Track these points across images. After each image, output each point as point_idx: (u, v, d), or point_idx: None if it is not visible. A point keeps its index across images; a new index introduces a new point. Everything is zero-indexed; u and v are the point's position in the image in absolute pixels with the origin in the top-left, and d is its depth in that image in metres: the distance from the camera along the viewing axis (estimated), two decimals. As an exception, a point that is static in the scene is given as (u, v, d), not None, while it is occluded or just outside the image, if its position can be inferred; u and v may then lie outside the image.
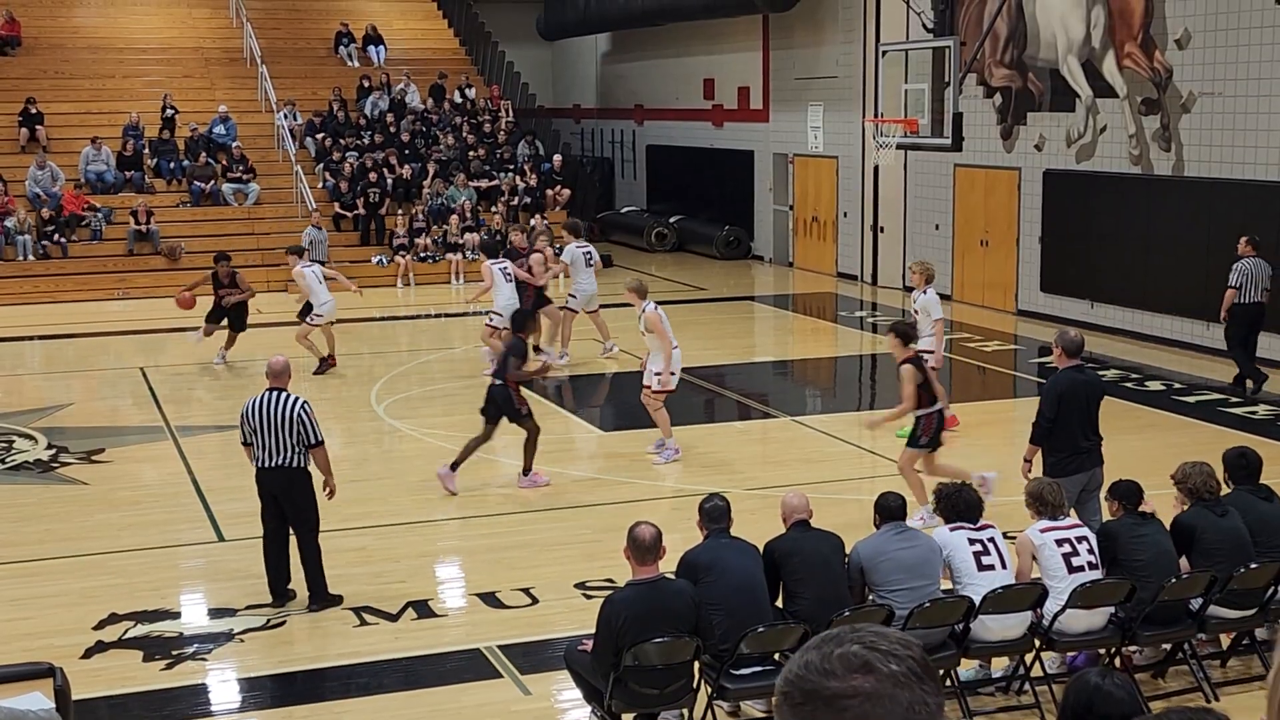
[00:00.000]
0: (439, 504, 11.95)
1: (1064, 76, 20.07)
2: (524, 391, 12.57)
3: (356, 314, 20.66)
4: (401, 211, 26.56)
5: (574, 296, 17.72)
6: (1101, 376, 14.98)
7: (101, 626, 9.13)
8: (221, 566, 10.45)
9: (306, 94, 29.36)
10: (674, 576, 7.33)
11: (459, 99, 30.44)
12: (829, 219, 26.24)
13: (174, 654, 8.71)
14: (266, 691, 8.34)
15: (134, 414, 15.67)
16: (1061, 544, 7.79)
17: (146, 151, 26.91)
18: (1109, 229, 19.26)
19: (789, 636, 7.19)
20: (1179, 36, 17.95)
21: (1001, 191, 21.50)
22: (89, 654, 8.70)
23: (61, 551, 10.75)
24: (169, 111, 27.45)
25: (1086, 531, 7.98)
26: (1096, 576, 7.73)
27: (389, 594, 9.66)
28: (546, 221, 25.73)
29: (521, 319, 12.92)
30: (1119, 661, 7.98)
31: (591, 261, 17.78)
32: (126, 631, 9.06)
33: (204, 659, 8.67)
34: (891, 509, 7.86)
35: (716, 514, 7.62)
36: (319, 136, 28.14)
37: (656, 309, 12.98)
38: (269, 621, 9.25)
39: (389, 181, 27.01)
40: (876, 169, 24.27)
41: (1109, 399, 10.93)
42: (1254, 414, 14.72)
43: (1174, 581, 7.74)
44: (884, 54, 19.72)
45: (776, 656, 7.27)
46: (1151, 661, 8.32)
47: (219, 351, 18.03)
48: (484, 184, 27.83)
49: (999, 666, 8.12)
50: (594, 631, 7.07)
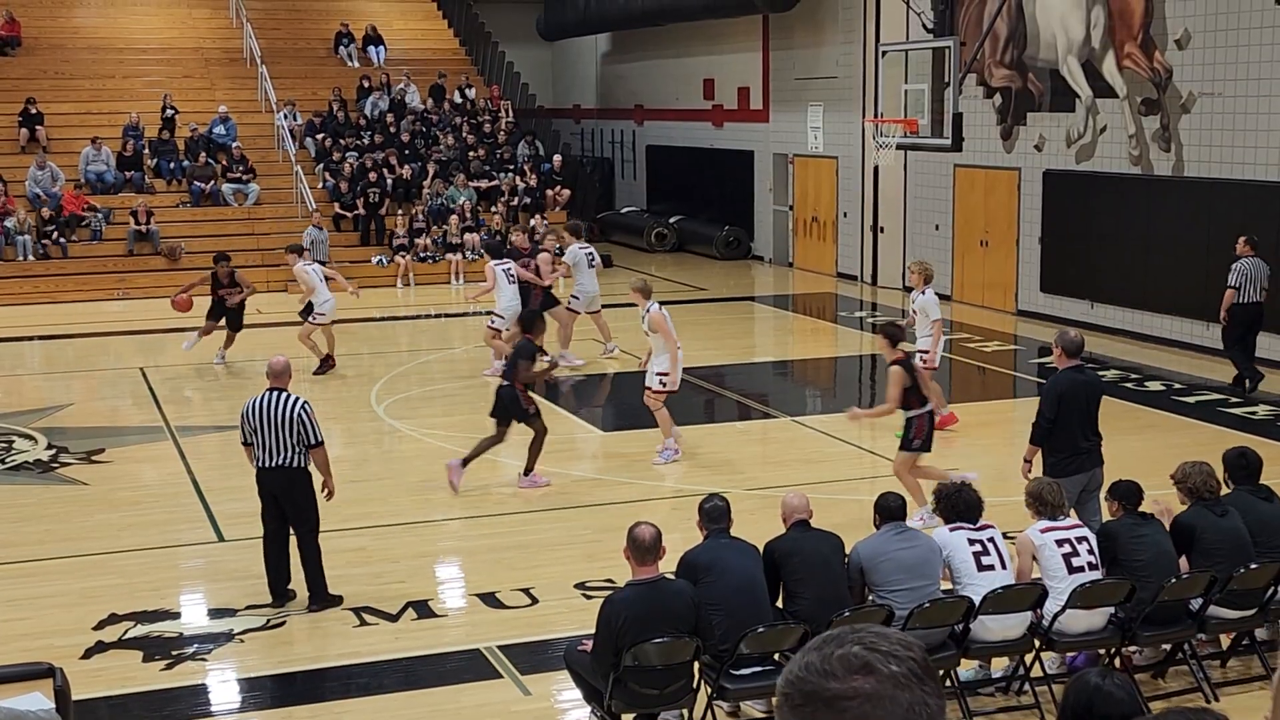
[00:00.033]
0: (439, 504, 11.95)
1: (1064, 77, 20.07)
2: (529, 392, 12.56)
3: (356, 314, 20.66)
4: (401, 212, 26.57)
5: (576, 298, 17.74)
6: (1101, 377, 15.00)
7: (101, 627, 9.13)
8: (221, 567, 10.45)
9: (306, 94, 29.37)
10: (674, 577, 7.34)
11: (459, 99, 30.44)
12: (829, 219, 26.24)
13: (174, 654, 8.71)
14: (266, 692, 8.34)
15: (134, 414, 15.67)
16: (1062, 544, 7.79)
17: (146, 152, 26.91)
18: (1109, 229, 19.26)
19: (789, 637, 7.19)
20: (1179, 37, 17.95)
21: (1001, 192, 21.50)
22: (89, 654, 8.70)
23: (61, 552, 10.75)
24: (169, 112, 27.45)
25: (1087, 532, 7.98)
26: (1096, 577, 7.73)
27: (389, 594, 9.67)
28: (547, 222, 25.74)
29: (530, 320, 12.90)
30: (1119, 662, 7.98)
31: (594, 262, 17.83)
32: (126, 632, 9.06)
33: (204, 659, 8.67)
34: (891, 509, 7.87)
35: (716, 514, 7.62)
36: (319, 137, 28.14)
37: (661, 309, 13.02)
38: (269, 622, 9.25)
39: (389, 182, 27.01)
40: (876, 169, 24.28)
41: (1109, 399, 10.94)
42: (1254, 414, 14.72)
43: (1174, 582, 7.74)
44: (884, 54, 19.72)
45: (776, 657, 7.27)
46: (1151, 662, 8.32)
47: (218, 352, 18.03)
48: (484, 184, 27.83)
49: (999, 667, 8.12)
50: (594, 632, 7.07)
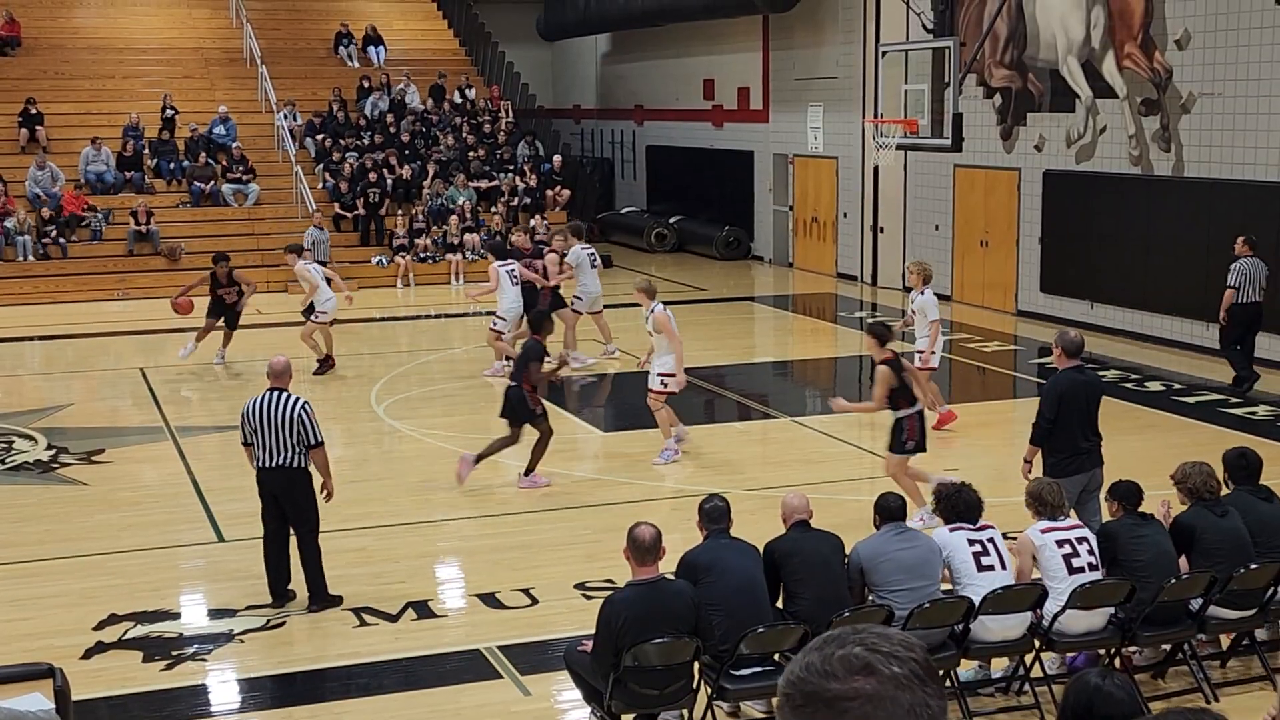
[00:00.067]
0: (439, 504, 11.95)
1: (1064, 77, 20.07)
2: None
3: (356, 314, 20.65)
4: (401, 212, 26.57)
5: (579, 298, 17.76)
6: (1101, 377, 15.00)
7: (101, 627, 9.13)
8: (221, 567, 10.45)
9: (306, 94, 29.36)
10: (674, 577, 7.34)
11: (459, 99, 30.44)
12: (829, 219, 26.24)
13: (174, 654, 8.71)
14: (266, 692, 8.34)
15: (134, 414, 15.67)
16: (1062, 545, 7.79)
17: (146, 152, 26.91)
18: (1109, 229, 19.26)
19: (789, 637, 7.19)
20: (1179, 37, 17.95)
21: (1001, 192, 21.50)
22: (89, 654, 8.70)
23: (61, 552, 10.75)
24: (169, 112, 27.45)
25: (1087, 532, 7.98)
26: (1097, 578, 7.73)
27: (389, 594, 9.67)
28: (548, 224, 25.75)
29: (539, 320, 12.88)
30: (1119, 662, 7.98)
31: (595, 263, 17.88)
32: (126, 632, 9.06)
33: (204, 659, 8.67)
34: (891, 509, 7.87)
35: (716, 514, 7.62)
36: (319, 137, 28.13)
37: (665, 309, 13.04)
38: (269, 622, 9.25)
39: (389, 182, 27.01)
40: (876, 169, 24.28)
41: (1109, 400, 10.94)
42: (1254, 414, 14.72)
43: (1174, 582, 7.74)
44: (884, 54, 19.72)
45: (776, 657, 7.27)
46: (1151, 662, 8.32)
47: (218, 351, 18.03)
48: (484, 184, 27.83)
49: (999, 667, 8.12)
50: (594, 632, 7.07)
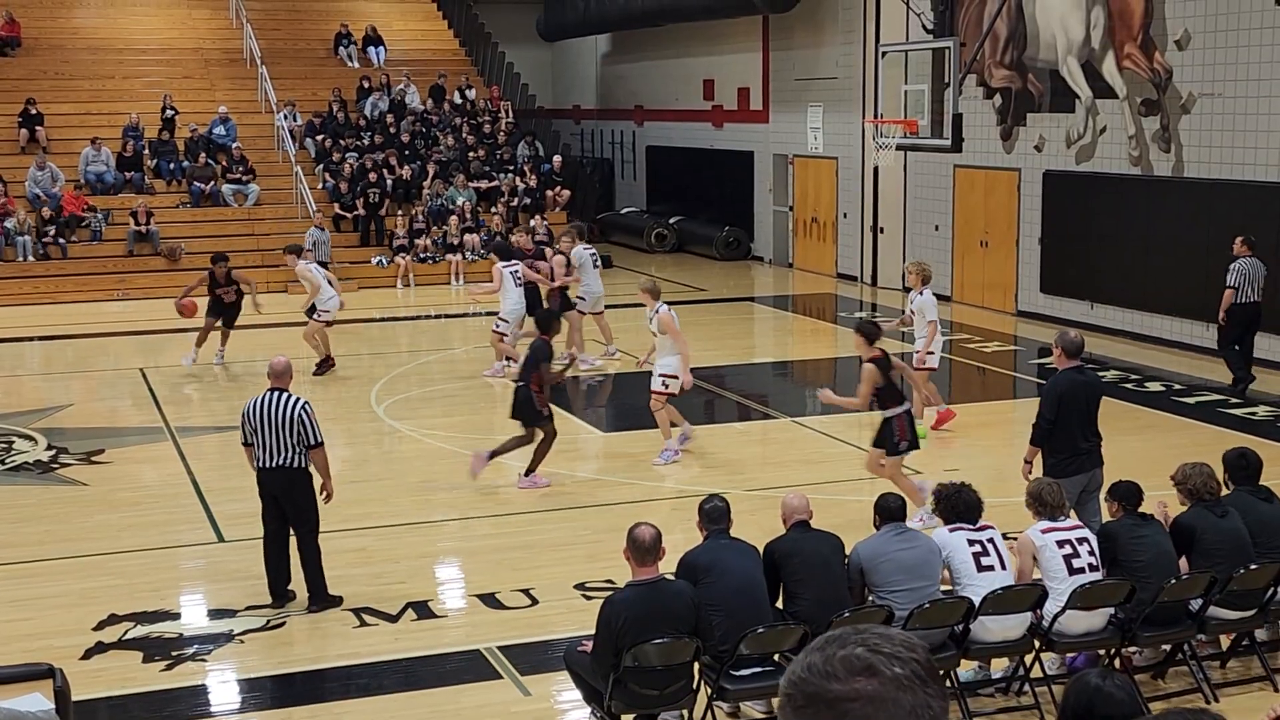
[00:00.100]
0: (439, 505, 11.96)
1: (1064, 77, 20.07)
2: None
3: (356, 315, 20.66)
4: (401, 212, 26.57)
5: (583, 299, 17.78)
6: (1101, 377, 15.00)
7: (101, 627, 9.13)
8: (221, 567, 10.45)
9: (306, 95, 29.36)
10: (674, 577, 7.34)
11: (459, 100, 30.44)
12: (829, 220, 26.24)
13: (174, 655, 8.71)
14: (266, 692, 8.34)
15: (134, 415, 15.67)
16: (1062, 545, 7.78)
17: (146, 152, 26.91)
18: (1109, 230, 19.26)
19: (789, 637, 7.19)
20: (1179, 37, 17.95)
21: (1001, 192, 21.50)
22: (89, 655, 8.70)
23: (61, 552, 10.75)
24: (169, 112, 27.45)
25: (1087, 533, 7.97)
26: (1097, 578, 7.73)
27: (389, 595, 9.67)
28: (547, 223, 25.75)
29: (547, 320, 12.84)
30: (1119, 662, 7.98)
31: (597, 263, 17.92)
32: (126, 632, 9.06)
33: (204, 660, 8.67)
34: (891, 510, 7.87)
35: (716, 515, 7.62)
36: (319, 137, 28.13)
37: (670, 310, 13.05)
38: (269, 622, 9.25)
39: (389, 182, 27.00)
40: (876, 170, 24.28)
41: (1109, 400, 10.94)
42: (1254, 414, 14.72)
43: (1174, 582, 7.74)
44: (884, 55, 19.72)
45: (776, 657, 7.27)
46: (1151, 662, 8.32)
47: (217, 351, 18.02)
48: (484, 185, 27.82)
49: (998, 667, 8.12)
50: (594, 632, 7.07)
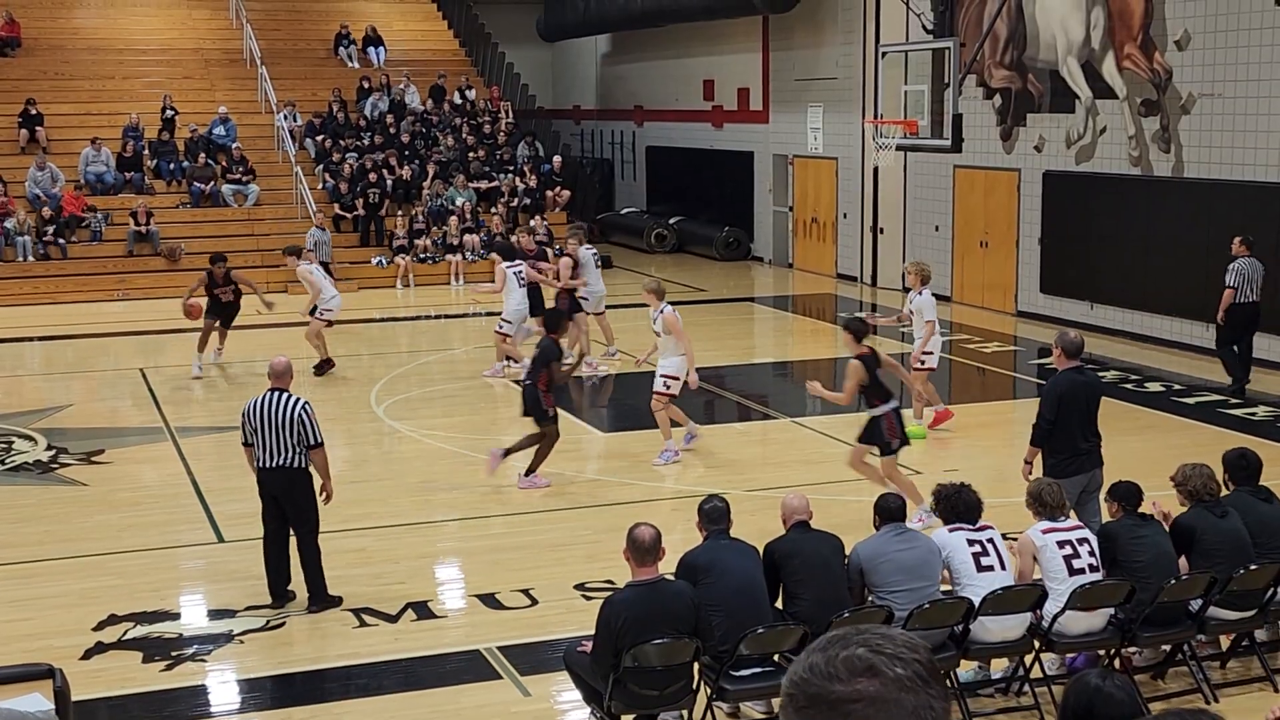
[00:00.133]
0: (439, 505, 11.96)
1: (1064, 78, 20.07)
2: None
3: (356, 315, 20.66)
4: (401, 213, 26.57)
5: (585, 299, 17.79)
6: (1101, 378, 15.00)
7: (101, 628, 9.13)
8: (221, 567, 10.45)
9: (306, 95, 29.36)
10: (673, 578, 7.34)
11: (459, 100, 30.44)
12: (829, 220, 26.24)
13: (174, 655, 8.71)
14: (266, 693, 8.34)
15: (134, 415, 15.67)
16: (1063, 546, 7.78)
17: (146, 152, 26.91)
18: (1109, 230, 19.26)
19: (788, 638, 7.19)
20: (1179, 38, 17.95)
21: (1001, 193, 21.50)
22: (89, 655, 8.70)
23: (61, 552, 10.75)
24: (169, 113, 27.45)
25: (1088, 534, 7.97)
26: (1098, 579, 7.73)
27: (389, 595, 9.66)
28: (547, 223, 25.74)
29: (555, 320, 12.84)
30: (1119, 663, 7.98)
31: (598, 264, 17.94)
32: (126, 632, 9.06)
33: (204, 660, 8.67)
34: (891, 510, 7.87)
35: (716, 515, 7.62)
36: (319, 138, 28.13)
37: (674, 310, 13.07)
38: (268, 622, 9.25)
39: (388, 183, 27.00)
40: (876, 170, 24.28)
41: (1108, 400, 10.94)
42: (1254, 415, 14.72)
43: (1174, 583, 7.74)
44: (884, 55, 19.72)
45: (776, 658, 7.27)
46: (1151, 663, 8.31)
47: (214, 350, 18.00)
48: (484, 185, 27.82)
49: (998, 668, 8.11)
50: (593, 633, 7.07)
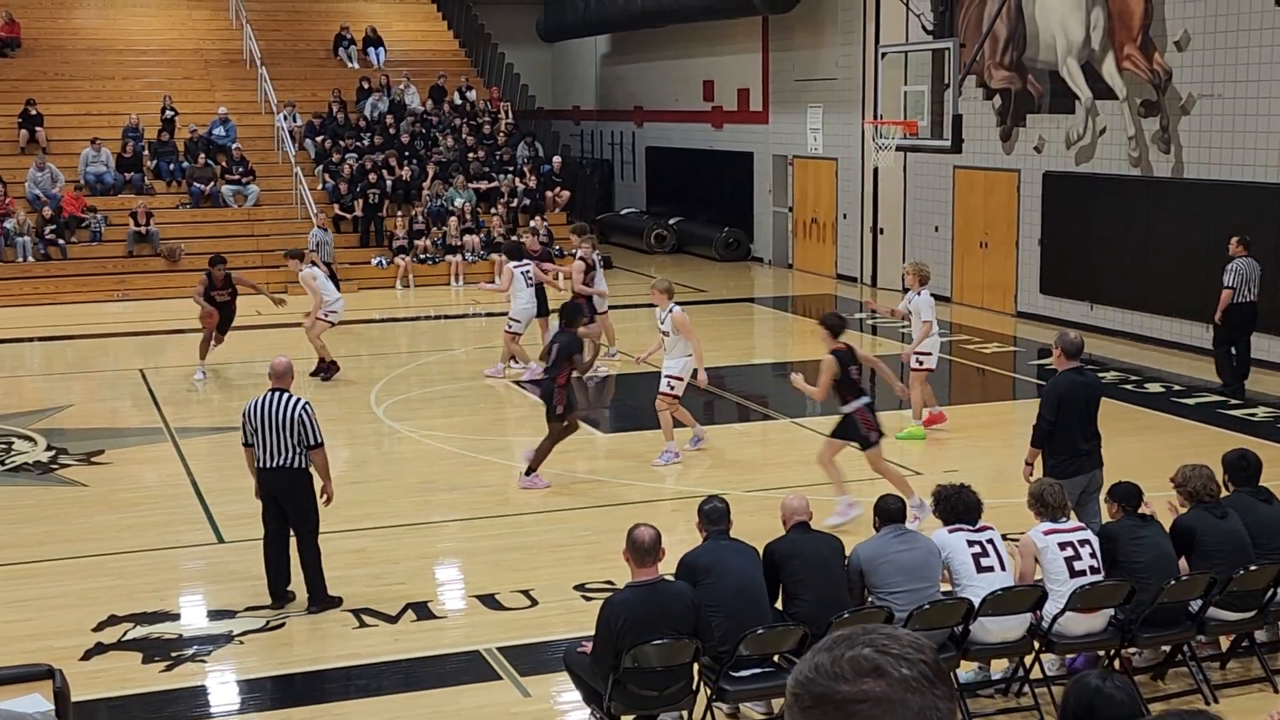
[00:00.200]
0: (439, 505, 11.96)
1: (1063, 78, 20.07)
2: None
3: (357, 315, 20.65)
4: (401, 213, 26.56)
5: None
6: (1101, 378, 14.99)
7: (101, 628, 9.13)
8: (221, 568, 10.45)
9: (306, 96, 29.36)
10: (673, 578, 7.34)
11: (459, 100, 30.44)
12: (828, 221, 26.24)
13: (173, 656, 8.71)
14: (266, 693, 8.34)
15: (133, 415, 15.67)
16: (1064, 547, 7.78)
17: (146, 153, 26.90)
18: (1108, 231, 19.26)
19: (788, 638, 7.19)
20: (1178, 38, 17.95)
21: (1001, 193, 21.50)
22: (88, 656, 8.70)
23: (61, 553, 10.75)
24: (169, 113, 27.45)
25: (1089, 535, 7.96)
26: (1098, 580, 7.72)
27: (388, 596, 9.66)
28: (547, 224, 25.74)
29: (574, 314, 12.86)
30: (1119, 663, 7.98)
31: (601, 264, 17.99)
32: (126, 633, 9.06)
33: (203, 661, 8.67)
34: (891, 511, 7.87)
35: (716, 516, 7.62)
36: (319, 138, 28.13)
37: (682, 310, 13.10)
38: (268, 623, 9.24)
39: (388, 183, 27.00)
40: (876, 171, 24.27)
41: (1108, 401, 10.94)
42: (1253, 415, 14.72)
43: (1174, 583, 7.74)
44: (883, 56, 19.73)
45: (776, 659, 7.27)
46: (1151, 663, 8.31)
47: (212, 350, 17.97)
48: (483, 186, 27.82)
49: (998, 668, 8.11)
50: (593, 633, 7.07)
